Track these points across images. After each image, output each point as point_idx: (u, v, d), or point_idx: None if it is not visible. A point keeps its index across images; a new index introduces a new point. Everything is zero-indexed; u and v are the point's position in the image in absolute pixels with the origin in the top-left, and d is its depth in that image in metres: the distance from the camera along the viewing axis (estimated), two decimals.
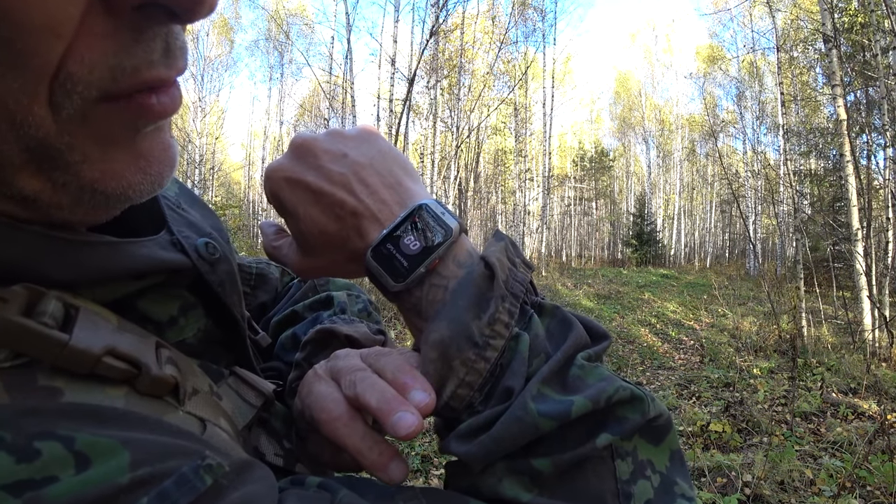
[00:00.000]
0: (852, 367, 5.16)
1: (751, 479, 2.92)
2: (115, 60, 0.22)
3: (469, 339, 0.32)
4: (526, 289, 0.35)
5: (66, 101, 0.21)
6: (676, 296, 12.02)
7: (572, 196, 30.24)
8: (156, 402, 0.26)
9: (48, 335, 0.23)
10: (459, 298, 0.33)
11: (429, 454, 3.49)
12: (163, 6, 0.22)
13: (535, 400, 0.31)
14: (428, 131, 14.56)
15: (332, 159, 0.36)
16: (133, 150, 0.25)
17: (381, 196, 0.35)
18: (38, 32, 0.19)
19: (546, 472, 0.30)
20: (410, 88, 9.22)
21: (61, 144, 0.23)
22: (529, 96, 21.81)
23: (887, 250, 6.72)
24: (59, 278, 0.25)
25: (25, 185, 0.23)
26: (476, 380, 0.32)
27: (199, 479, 0.22)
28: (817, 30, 7.94)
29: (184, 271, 0.33)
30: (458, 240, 0.36)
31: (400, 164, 0.38)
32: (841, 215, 9.56)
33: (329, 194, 0.35)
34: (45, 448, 0.19)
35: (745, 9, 18.00)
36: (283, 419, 0.41)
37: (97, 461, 0.20)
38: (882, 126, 7.75)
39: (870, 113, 10.11)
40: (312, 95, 23.00)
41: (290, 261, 0.40)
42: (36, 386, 0.22)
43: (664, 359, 6.38)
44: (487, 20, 17.80)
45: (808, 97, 14.87)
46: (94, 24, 0.20)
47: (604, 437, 0.31)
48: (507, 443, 0.30)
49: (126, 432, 0.22)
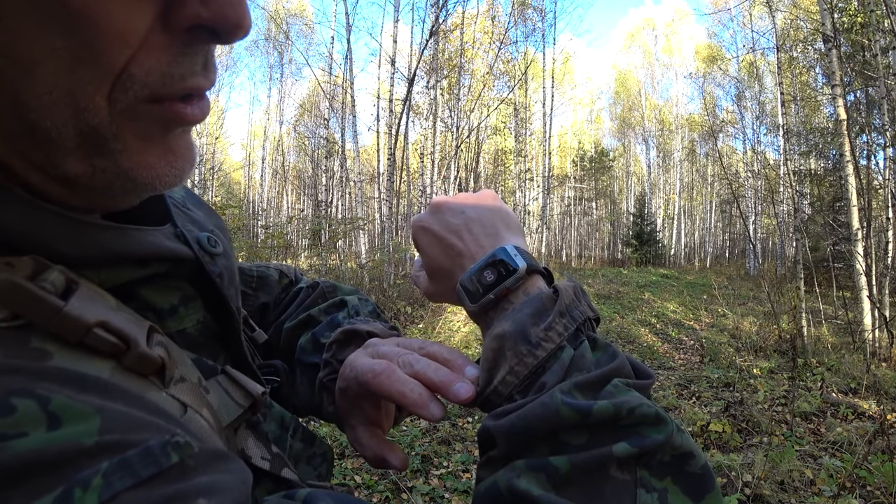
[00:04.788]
0: (852, 367, 5.16)
1: (751, 479, 2.92)
2: (166, 68, 0.26)
3: (525, 337, 0.39)
4: (584, 320, 0.41)
5: (122, 97, 0.26)
6: (676, 296, 12.02)
7: (572, 196, 30.24)
8: (140, 379, 0.28)
9: (45, 299, 0.24)
10: (525, 307, 0.41)
11: (429, 454, 3.49)
12: (208, 28, 0.26)
13: (563, 393, 0.35)
14: (428, 131, 14.55)
15: (453, 214, 0.47)
16: (164, 147, 0.29)
17: (480, 242, 0.45)
18: (113, 38, 0.24)
19: (563, 470, 0.32)
20: (410, 88, 9.22)
21: (109, 133, 0.26)
22: (529, 96, 21.81)
23: (887, 250, 6.73)
24: (68, 255, 0.28)
25: (71, 167, 0.27)
26: (522, 371, 0.38)
27: (164, 455, 0.22)
28: (817, 30, 7.94)
29: (185, 262, 0.36)
30: (530, 278, 0.43)
31: (502, 218, 0.48)
32: (841, 215, 9.56)
33: (445, 239, 0.46)
34: (21, 405, 0.20)
35: (744, 9, 18.01)
36: (278, 421, 0.42)
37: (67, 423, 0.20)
38: (882, 126, 7.76)
39: (870, 113, 10.12)
40: (312, 95, 22.99)
41: (422, 286, 0.51)
42: (28, 347, 0.24)
43: (664, 359, 6.38)
44: (487, 20, 17.81)
45: (808, 97, 14.87)
46: (154, 38, 0.25)
47: (622, 446, 0.32)
48: (530, 422, 0.34)
49: (103, 401, 0.23)
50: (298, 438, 0.43)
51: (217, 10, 0.26)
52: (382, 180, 11.97)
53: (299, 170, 29.08)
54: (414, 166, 16.05)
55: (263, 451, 0.37)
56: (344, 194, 16.47)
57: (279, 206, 28.09)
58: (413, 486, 3.04)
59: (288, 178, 28.93)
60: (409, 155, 15.51)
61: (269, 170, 25.78)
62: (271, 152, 25.48)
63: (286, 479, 0.37)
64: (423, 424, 4.07)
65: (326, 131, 15.06)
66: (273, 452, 0.38)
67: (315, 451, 0.45)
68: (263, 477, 0.35)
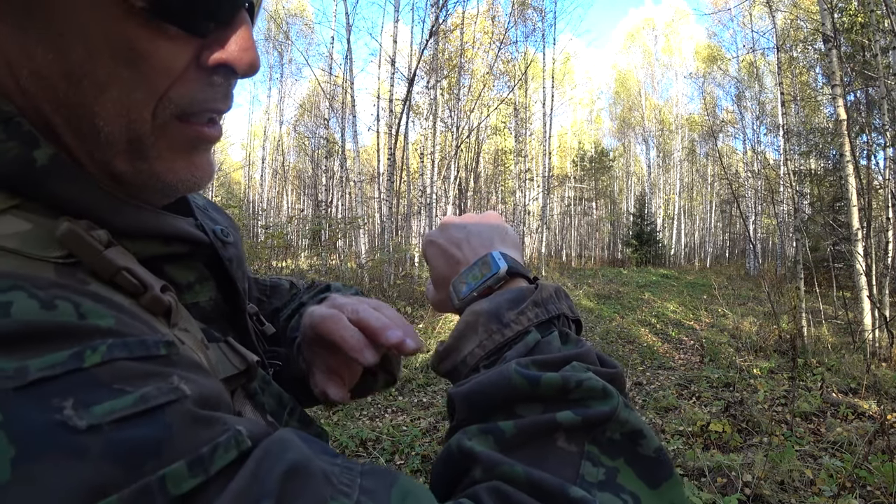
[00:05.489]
0: (852, 367, 5.16)
1: (751, 479, 2.92)
2: (196, 94, 0.35)
3: (498, 317, 0.44)
4: (559, 315, 0.45)
5: (162, 113, 0.34)
6: (676, 296, 12.02)
7: (572, 196, 30.24)
8: (151, 316, 0.34)
9: (92, 244, 0.32)
10: (505, 294, 0.46)
11: (429, 454, 3.49)
12: (229, 68, 0.35)
13: (519, 364, 0.38)
14: (428, 131, 14.55)
15: (456, 230, 0.54)
16: (189, 159, 0.38)
17: (476, 252, 0.51)
18: (160, 70, 0.33)
19: (508, 433, 0.35)
20: (410, 88, 9.22)
21: (149, 142, 0.35)
22: (529, 96, 21.81)
23: (887, 250, 6.73)
24: (112, 224, 0.35)
25: (117, 166, 0.35)
26: (489, 346, 0.43)
27: (155, 347, 0.29)
28: (817, 30, 7.94)
29: (202, 246, 0.43)
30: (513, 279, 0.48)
31: (499, 233, 0.53)
32: (841, 215, 9.57)
33: (447, 249, 0.53)
34: (61, 305, 0.27)
35: (744, 9, 18.00)
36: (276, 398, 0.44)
37: (90, 318, 0.28)
38: (882, 126, 7.75)
39: (870, 113, 10.12)
40: (312, 95, 23.00)
41: (430, 297, 0.57)
42: (75, 277, 0.31)
43: (664, 359, 6.38)
44: (487, 20, 17.82)
45: (808, 97, 14.87)
46: (189, 71, 0.34)
47: (566, 413, 0.35)
48: (485, 388, 0.38)
49: (120, 314, 0.30)
50: (295, 419, 0.45)
51: (236, 55, 0.35)
52: (382, 180, 11.97)
53: (299, 170, 29.10)
54: (414, 166, 16.05)
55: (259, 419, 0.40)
56: (344, 194, 16.46)
57: (279, 206, 28.09)
58: None
59: (288, 178, 28.93)
60: (409, 155, 15.52)
61: (269, 170, 25.77)
62: (271, 152, 25.47)
63: None
64: (423, 424, 4.07)
65: (326, 131, 15.05)
66: (268, 421, 0.41)
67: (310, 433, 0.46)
68: None
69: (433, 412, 4.37)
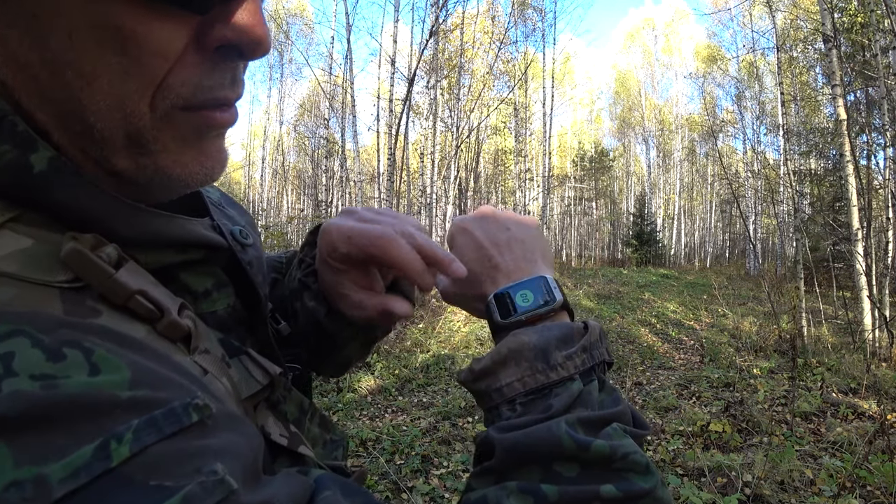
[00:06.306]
0: (852, 367, 5.16)
1: (751, 479, 2.92)
2: (198, 81, 0.31)
3: (545, 355, 0.42)
4: (601, 361, 0.44)
5: (161, 104, 0.30)
6: (676, 296, 12.02)
7: (572, 196, 30.22)
8: (169, 343, 0.31)
9: (101, 266, 0.29)
10: (554, 329, 0.43)
11: (429, 454, 3.49)
12: (234, 48, 0.31)
13: (567, 424, 0.37)
14: (428, 131, 14.54)
15: (498, 228, 0.50)
16: (197, 149, 0.33)
17: (518, 263, 0.48)
18: (155, 55, 0.28)
19: (551, 499, 0.35)
20: (410, 88, 9.21)
21: (150, 136, 0.31)
22: (529, 96, 21.82)
23: (887, 250, 6.73)
24: (121, 234, 0.32)
25: (118, 163, 0.31)
26: (531, 384, 0.41)
27: (186, 415, 0.26)
28: (817, 30, 7.94)
29: (220, 250, 0.40)
30: (561, 312, 0.46)
31: (541, 248, 0.51)
32: (841, 215, 9.57)
33: (485, 248, 0.49)
34: (70, 354, 0.24)
35: (744, 9, 18.01)
36: (298, 405, 0.43)
37: (104, 372, 0.25)
38: (882, 126, 7.75)
39: (870, 113, 10.12)
40: (312, 95, 22.98)
41: (440, 285, 0.53)
42: (84, 305, 0.28)
43: (664, 359, 6.38)
44: (487, 20, 17.80)
45: (808, 97, 14.88)
46: (188, 55, 0.30)
47: (609, 487, 0.35)
48: (533, 442, 0.37)
49: (135, 356, 0.27)
50: (316, 423, 0.45)
51: (240, 33, 0.30)
52: (382, 180, 11.96)
53: (299, 170, 29.07)
54: (414, 166, 16.04)
55: (282, 429, 0.39)
56: (344, 194, 16.45)
57: (279, 206, 28.08)
58: (413, 486, 3.04)
59: (288, 178, 28.92)
60: (409, 155, 15.50)
61: (269, 170, 25.76)
62: (271, 152, 25.46)
63: (302, 455, 0.39)
64: (423, 424, 4.07)
65: (326, 131, 15.05)
66: (291, 431, 0.40)
67: (331, 438, 0.47)
68: (281, 453, 0.38)
69: (433, 412, 4.37)
